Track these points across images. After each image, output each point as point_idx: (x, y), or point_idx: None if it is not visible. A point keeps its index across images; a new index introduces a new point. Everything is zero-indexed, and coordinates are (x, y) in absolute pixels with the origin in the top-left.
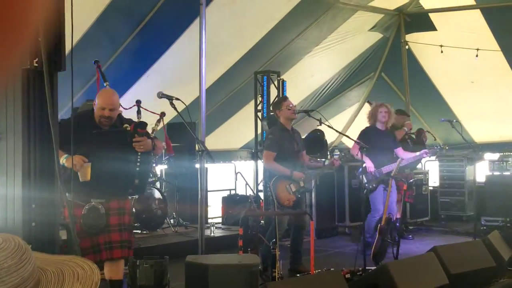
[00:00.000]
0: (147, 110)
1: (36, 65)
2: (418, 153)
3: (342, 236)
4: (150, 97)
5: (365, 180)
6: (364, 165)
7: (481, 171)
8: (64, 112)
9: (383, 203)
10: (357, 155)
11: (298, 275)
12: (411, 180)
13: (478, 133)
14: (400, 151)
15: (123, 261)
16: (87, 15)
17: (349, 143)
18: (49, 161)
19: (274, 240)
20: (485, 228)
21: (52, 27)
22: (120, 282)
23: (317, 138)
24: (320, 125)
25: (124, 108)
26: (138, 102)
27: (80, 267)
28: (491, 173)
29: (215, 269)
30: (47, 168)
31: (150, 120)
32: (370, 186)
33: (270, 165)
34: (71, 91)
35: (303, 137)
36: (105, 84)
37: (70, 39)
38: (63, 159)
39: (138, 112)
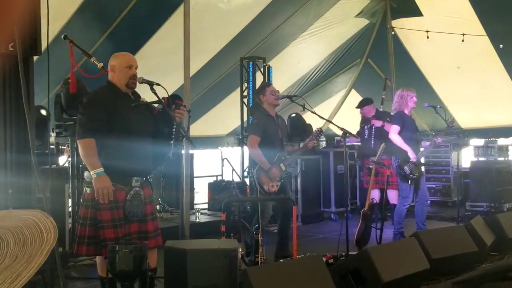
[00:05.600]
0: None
1: (12, 49)
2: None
3: (328, 221)
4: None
5: (408, 171)
6: (398, 156)
7: (466, 156)
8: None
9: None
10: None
11: (281, 260)
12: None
13: (464, 119)
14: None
15: (156, 249)
16: (70, 2)
17: (336, 130)
18: (25, 147)
19: (256, 225)
20: (469, 213)
21: (28, 10)
22: (155, 269)
23: (295, 123)
24: (304, 110)
25: None
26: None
27: (38, 227)
28: (476, 159)
29: (193, 254)
30: (23, 153)
31: None
32: (415, 176)
33: (254, 151)
34: (47, 78)
35: None
36: (91, 60)
37: (49, 26)
38: (94, 174)
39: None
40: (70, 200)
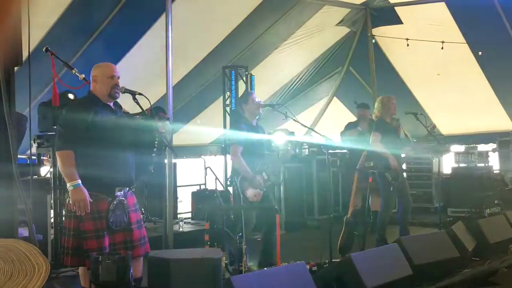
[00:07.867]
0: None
1: None
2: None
3: (311, 229)
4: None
5: (390, 178)
6: (380, 162)
7: (447, 163)
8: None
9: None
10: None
11: (265, 268)
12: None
13: (445, 125)
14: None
15: (142, 258)
16: (51, 11)
17: (318, 138)
18: (7, 158)
19: (240, 234)
20: (451, 219)
21: (10, 23)
22: (140, 279)
23: None
24: (286, 119)
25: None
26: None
27: (28, 259)
28: (457, 165)
29: (177, 264)
30: (5, 165)
31: None
32: (396, 182)
33: (236, 160)
34: (29, 87)
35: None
36: (73, 72)
37: (29, 36)
38: (71, 186)
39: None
40: (52, 211)
